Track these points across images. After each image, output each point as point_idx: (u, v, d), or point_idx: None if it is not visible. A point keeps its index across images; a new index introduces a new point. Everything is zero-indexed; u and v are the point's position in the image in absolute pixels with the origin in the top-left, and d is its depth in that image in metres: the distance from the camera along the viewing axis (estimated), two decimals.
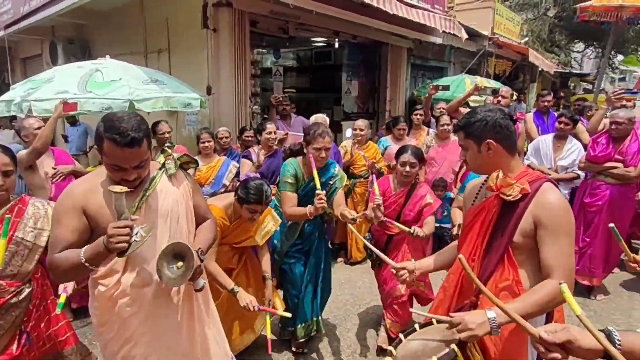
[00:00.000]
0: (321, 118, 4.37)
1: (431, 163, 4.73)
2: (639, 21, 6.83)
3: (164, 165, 1.80)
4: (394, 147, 4.90)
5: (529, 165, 4.10)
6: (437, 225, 4.55)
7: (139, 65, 4.45)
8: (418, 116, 5.25)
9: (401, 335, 1.64)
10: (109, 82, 3.67)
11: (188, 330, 1.84)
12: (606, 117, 4.38)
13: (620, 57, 20.81)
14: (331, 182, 2.88)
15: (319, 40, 8.25)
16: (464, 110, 4.49)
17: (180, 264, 1.61)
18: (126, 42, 6.04)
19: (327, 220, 3.27)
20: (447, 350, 1.42)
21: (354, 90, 8.34)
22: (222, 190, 3.82)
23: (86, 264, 1.49)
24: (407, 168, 2.93)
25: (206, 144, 3.99)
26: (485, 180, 1.81)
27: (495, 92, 4.48)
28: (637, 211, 4.03)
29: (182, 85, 4.19)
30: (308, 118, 4.82)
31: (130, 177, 1.60)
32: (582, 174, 4.15)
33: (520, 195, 1.57)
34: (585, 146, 4.23)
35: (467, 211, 1.80)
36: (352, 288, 4.18)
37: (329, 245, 3.05)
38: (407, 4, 5.64)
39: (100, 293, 1.69)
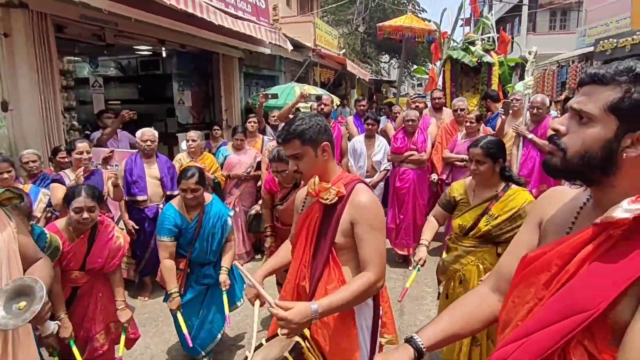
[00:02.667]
0: (148, 133, 4.01)
1: None
2: (423, 39, 8.27)
3: None
4: (234, 157, 4.87)
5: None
6: None
7: None
8: (252, 124, 5.29)
9: (247, 353, 1.61)
10: None
11: None
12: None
13: (416, 67, 24.71)
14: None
15: (144, 49, 7.62)
16: None
17: (23, 303, 1.44)
18: None
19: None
20: (291, 344, 1.46)
21: (187, 101, 7.96)
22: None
23: None
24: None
25: (5, 174, 3.12)
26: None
27: (318, 99, 4.81)
28: (432, 191, 4.97)
29: None
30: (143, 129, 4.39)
31: None
32: (390, 165, 4.87)
33: (337, 198, 1.65)
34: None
35: (297, 219, 1.84)
36: None
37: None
38: (233, 16, 5.62)
39: None
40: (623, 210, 0.83)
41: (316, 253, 1.70)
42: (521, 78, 10.70)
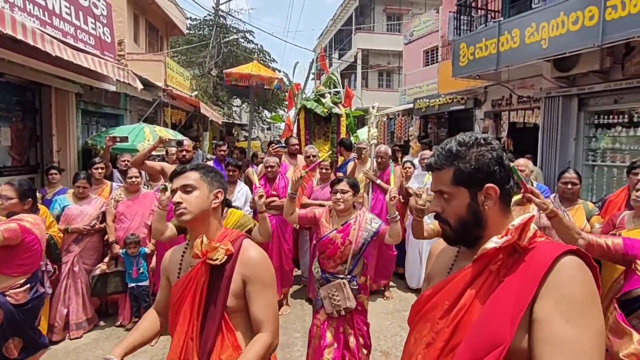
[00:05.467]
0: None
1: (121, 219, 4.28)
2: (271, 87, 8.69)
3: None
4: (75, 208, 4.17)
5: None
6: (133, 285, 4.15)
7: None
8: (99, 170, 4.66)
9: None
10: None
11: None
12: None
13: (266, 112, 25.69)
14: None
15: None
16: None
17: None
18: None
19: None
20: None
21: (5, 139, 6.60)
22: None
23: None
24: None
25: None
26: (185, 248, 1.71)
27: (180, 143, 4.51)
28: (294, 237, 5.06)
29: None
30: None
31: None
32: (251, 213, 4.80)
33: (226, 257, 1.54)
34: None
35: (173, 286, 1.63)
36: None
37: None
38: (72, 47, 4.97)
39: None
40: (493, 242, 1.04)
41: (205, 322, 1.52)
42: (359, 127, 12.05)
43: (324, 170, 4.87)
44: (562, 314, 0.89)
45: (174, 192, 1.57)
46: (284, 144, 6.00)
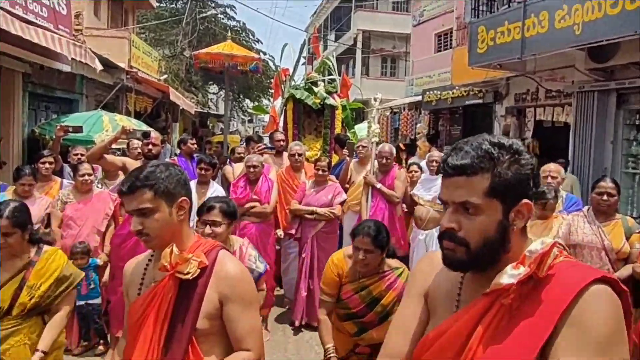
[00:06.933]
0: None
1: (69, 224, 4.24)
2: (246, 68, 8.64)
3: None
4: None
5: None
6: (82, 302, 4.12)
7: None
8: (47, 165, 4.62)
9: None
10: None
11: None
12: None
13: (248, 101, 25.69)
14: None
15: None
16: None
17: None
18: None
19: None
20: None
21: None
22: None
23: None
24: None
25: None
26: (150, 258, 1.70)
27: (146, 135, 4.49)
28: (277, 249, 5.08)
29: None
30: None
31: None
32: None
33: (199, 271, 1.53)
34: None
35: (132, 303, 1.62)
36: None
37: None
38: (21, 19, 4.94)
39: None
40: (508, 276, 1.02)
41: (169, 346, 1.51)
42: (358, 121, 12.11)
43: (320, 172, 4.86)
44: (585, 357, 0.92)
45: (128, 212, 1.56)
46: (269, 146, 5.96)
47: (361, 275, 2.77)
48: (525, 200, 1.05)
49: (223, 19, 21.56)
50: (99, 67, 7.07)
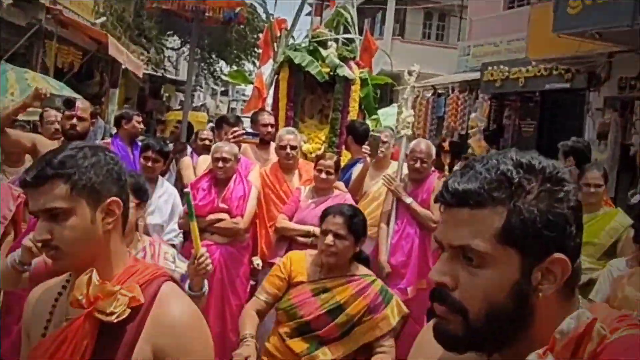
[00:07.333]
0: None
1: None
2: (219, 16, 8.63)
3: None
4: None
5: None
6: None
7: None
8: None
9: None
10: None
11: None
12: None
13: (223, 64, 25.79)
14: None
15: None
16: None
17: None
18: None
19: None
20: None
21: None
22: None
23: None
24: None
25: None
26: (64, 285, 1.71)
27: (69, 104, 4.51)
28: (252, 284, 5.01)
29: None
30: None
31: None
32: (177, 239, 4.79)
33: (128, 312, 1.54)
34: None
35: (32, 349, 1.66)
36: None
37: None
38: None
39: None
40: None
41: None
42: (383, 104, 12.12)
43: (322, 175, 4.83)
44: None
45: (32, 213, 1.57)
46: (250, 132, 5.87)
47: (324, 274, 3.01)
48: (557, 255, 0.99)
49: None
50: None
